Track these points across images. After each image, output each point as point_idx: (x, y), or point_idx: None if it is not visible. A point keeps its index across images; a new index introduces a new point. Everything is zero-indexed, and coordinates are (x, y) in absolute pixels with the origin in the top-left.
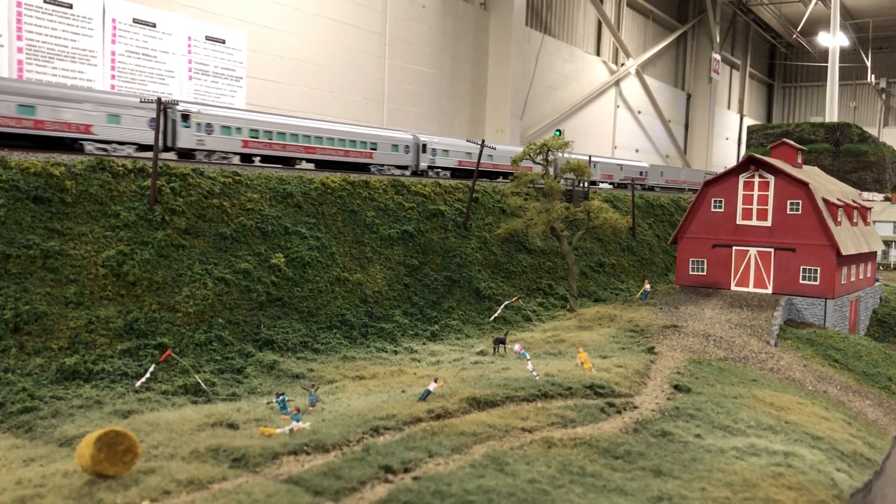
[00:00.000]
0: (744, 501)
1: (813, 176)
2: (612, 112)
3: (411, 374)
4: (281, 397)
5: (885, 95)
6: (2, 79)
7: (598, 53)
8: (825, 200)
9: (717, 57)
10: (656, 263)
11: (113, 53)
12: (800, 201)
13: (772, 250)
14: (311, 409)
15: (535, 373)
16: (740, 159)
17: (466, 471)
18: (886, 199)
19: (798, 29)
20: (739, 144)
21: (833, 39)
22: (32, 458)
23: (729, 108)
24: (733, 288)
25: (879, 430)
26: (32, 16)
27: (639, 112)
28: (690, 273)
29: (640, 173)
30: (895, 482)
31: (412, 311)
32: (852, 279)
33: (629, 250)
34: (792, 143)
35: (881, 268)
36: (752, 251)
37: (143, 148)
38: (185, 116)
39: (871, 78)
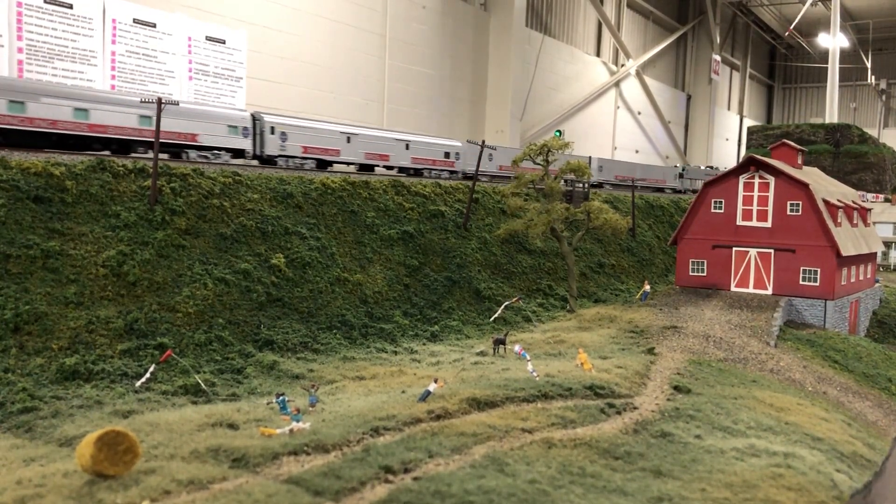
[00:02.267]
0: (744, 502)
1: (813, 177)
2: (613, 113)
3: (411, 374)
4: (281, 398)
5: (884, 97)
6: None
7: (598, 54)
8: (825, 201)
9: (717, 58)
10: (656, 264)
11: (113, 54)
12: (800, 202)
13: (772, 251)
14: (311, 409)
15: (535, 373)
16: (740, 160)
17: (466, 471)
18: (887, 200)
19: (792, 25)
20: (739, 145)
21: (833, 41)
22: (33, 458)
23: (729, 108)
24: (733, 289)
25: (879, 431)
26: (33, 16)
27: (639, 113)
28: (690, 274)
29: (447, 155)
30: (895, 483)
31: (412, 312)
32: (852, 280)
33: (629, 251)
34: (792, 144)
35: (881, 269)
36: (752, 252)
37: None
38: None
39: (871, 79)
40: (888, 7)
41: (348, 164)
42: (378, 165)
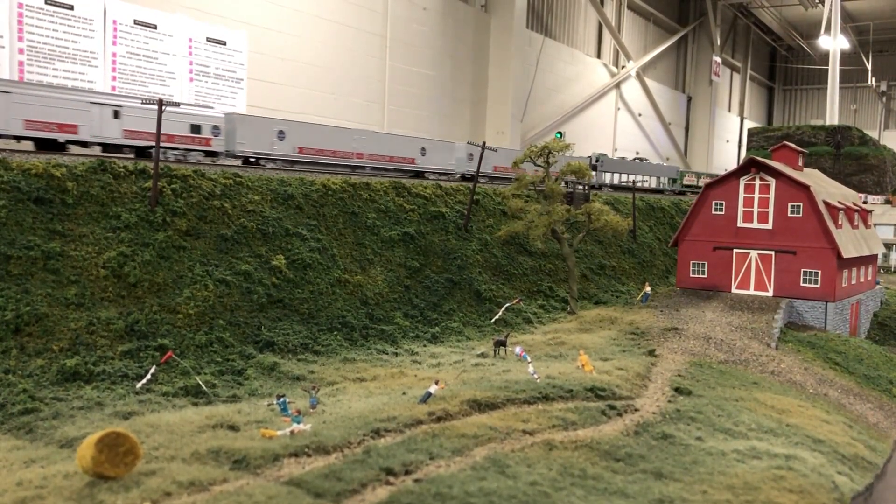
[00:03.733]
0: None
1: (814, 178)
2: (613, 114)
3: (412, 376)
4: (282, 399)
5: (885, 98)
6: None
7: (598, 56)
8: (826, 203)
9: (718, 59)
10: (657, 266)
11: (114, 55)
12: (801, 204)
13: (773, 253)
14: (311, 410)
15: (535, 375)
16: (741, 162)
17: (467, 473)
18: (887, 201)
19: (795, 29)
20: (740, 147)
21: (834, 42)
22: (33, 460)
23: (729, 110)
24: (734, 290)
25: (880, 433)
26: (33, 17)
27: (639, 114)
28: (691, 275)
29: (196, 129)
30: None
31: (413, 313)
32: (853, 282)
33: (630, 253)
34: (793, 145)
35: (882, 271)
36: (753, 254)
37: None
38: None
39: (871, 81)
40: (889, 9)
41: None
42: (60, 141)
